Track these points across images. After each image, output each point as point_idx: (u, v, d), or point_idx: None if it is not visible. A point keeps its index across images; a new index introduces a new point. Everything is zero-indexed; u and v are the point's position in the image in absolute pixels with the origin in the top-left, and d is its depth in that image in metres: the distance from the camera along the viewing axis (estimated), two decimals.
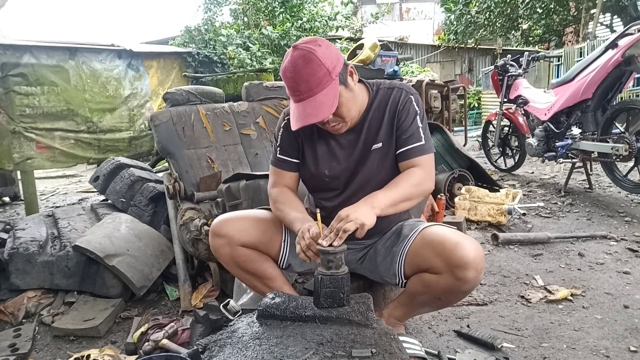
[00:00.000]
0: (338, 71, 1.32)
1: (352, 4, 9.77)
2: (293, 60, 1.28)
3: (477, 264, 1.27)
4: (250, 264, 1.51)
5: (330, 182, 1.52)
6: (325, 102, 1.29)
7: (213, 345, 1.23)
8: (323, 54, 1.28)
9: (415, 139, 1.41)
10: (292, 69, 1.28)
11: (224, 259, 1.54)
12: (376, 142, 1.46)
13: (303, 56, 1.27)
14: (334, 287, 1.23)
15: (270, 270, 1.53)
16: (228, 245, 1.48)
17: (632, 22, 3.26)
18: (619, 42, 3.10)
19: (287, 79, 1.32)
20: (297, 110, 1.33)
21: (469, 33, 13.64)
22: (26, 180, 4.07)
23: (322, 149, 1.50)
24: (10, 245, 2.22)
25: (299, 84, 1.29)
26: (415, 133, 1.41)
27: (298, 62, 1.27)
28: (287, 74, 1.30)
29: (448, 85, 5.47)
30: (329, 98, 1.30)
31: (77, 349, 1.79)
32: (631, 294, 1.98)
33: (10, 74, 3.84)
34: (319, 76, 1.27)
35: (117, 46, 4.59)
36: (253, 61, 6.11)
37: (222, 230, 1.48)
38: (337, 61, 1.32)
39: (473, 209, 3.06)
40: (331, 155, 1.50)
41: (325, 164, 1.50)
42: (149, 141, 4.77)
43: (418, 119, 1.43)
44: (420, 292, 1.41)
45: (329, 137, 1.49)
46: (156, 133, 2.57)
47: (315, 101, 1.29)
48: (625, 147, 2.99)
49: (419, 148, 1.41)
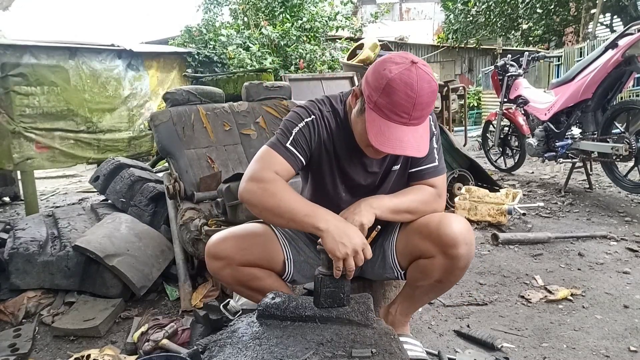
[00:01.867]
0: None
1: (352, 4, 9.76)
2: (418, 81, 1.12)
3: (465, 238, 1.25)
4: (255, 282, 1.42)
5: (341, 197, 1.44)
6: (424, 137, 1.21)
7: (213, 345, 1.23)
8: (437, 86, 1.19)
9: (429, 160, 1.37)
10: (417, 90, 1.12)
11: (225, 280, 1.46)
12: (396, 164, 1.41)
13: (429, 83, 1.14)
14: (334, 287, 1.23)
15: (276, 285, 1.44)
16: (229, 267, 1.38)
17: (632, 22, 3.26)
18: (619, 42, 3.10)
19: (403, 94, 1.12)
20: (395, 132, 1.16)
21: (468, 33, 13.64)
22: (26, 180, 4.07)
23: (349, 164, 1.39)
24: (10, 245, 2.21)
25: (416, 109, 1.14)
26: (430, 154, 1.35)
27: (424, 87, 1.13)
28: (406, 90, 1.12)
29: (448, 85, 5.48)
30: (426, 133, 1.23)
31: (77, 349, 1.79)
32: (631, 294, 1.98)
33: (10, 74, 3.84)
34: (431, 109, 1.20)
35: (117, 46, 4.59)
36: (253, 61, 6.10)
37: (221, 253, 1.37)
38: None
39: (473, 209, 3.06)
40: (356, 173, 1.40)
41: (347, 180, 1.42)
42: (148, 141, 4.77)
43: (434, 140, 1.38)
44: (420, 279, 1.39)
45: (355, 153, 1.37)
46: (156, 133, 2.57)
47: (418, 132, 1.18)
48: (625, 147, 2.99)
49: (432, 169, 1.38)
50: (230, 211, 2.06)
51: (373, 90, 1.17)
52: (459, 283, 2.18)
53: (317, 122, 1.36)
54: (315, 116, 1.36)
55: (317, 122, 1.36)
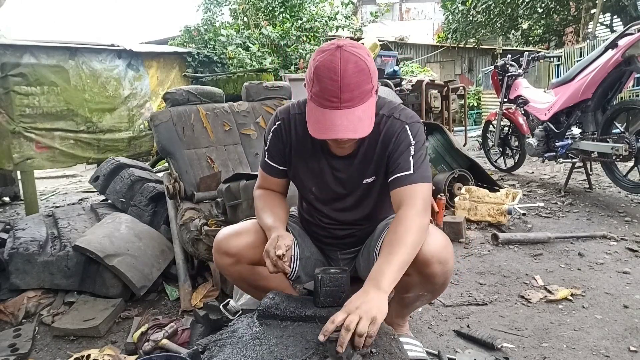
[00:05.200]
0: (377, 88, 1.22)
1: (352, 4, 9.77)
2: (342, 63, 1.12)
3: (439, 257, 1.21)
4: (261, 281, 1.43)
5: (315, 200, 1.46)
6: (363, 118, 1.17)
7: (213, 345, 1.23)
8: (372, 68, 1.18)
9: (405, 167, 1.27)
10: (341, 73, 1.12)
11: (232, 277, 1.45)
12: (369, 177, 1.37)
13: (356, 63, 1.13)
14: (334, 285, 1.23)
15: (283, 286, 1.46)
16: (237, 264, 1.38)
17: (632, 22, 3.26)
18: (619, 42, 3.10)
19: (327, 79, 1.13)
20: (329, 118, 1.16)
21: (468, 32, 13.64)
22: (26, 180, 4.07)
23: (314, 165, 1.40)
24: (10, 245, 2.21)
25: (343, 91, 1.13)
26: (404, 162, 1.27)
27: (349, 67, 1.12)
28: (330, 75, 1.13)
29: (448, 85, 5.48)
30: (368, 115, 1.19)
31: (77, 349, 1.79)
32: (631, 294, 1.98)
33: (10, 74, 3.84)
34: (365, 89, 1.16)
35: (117, 46, 4.59)
36: (253, 61, 6.10)
37: (231, 249, 1.36)
38: (377, 82, 1.22)
39: (473, 209, 3.06)
40: (320, 172, 1.40)
41: (315, 180, 1.42)
42: (148, 141, 4.77)
43: (412, 148, 1.28)
44: (404, 292, 1.37)
45: (320, 154, 1.39)
46: (156, 133, 2.57)
47: (354, 115, 1.15)
48: (625, 147, 2.99)
49: (406, 177, 1.26)
50: (230, 211, 2.06)
51: (308, 81, 1.20)
52: (459, 283, 2.18)
53: (283, 126, 1.40)
54: (281, 121, 1.41)
55: (282, 126, 1.40)
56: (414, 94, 5.23)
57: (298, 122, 1.39)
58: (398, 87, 5.26)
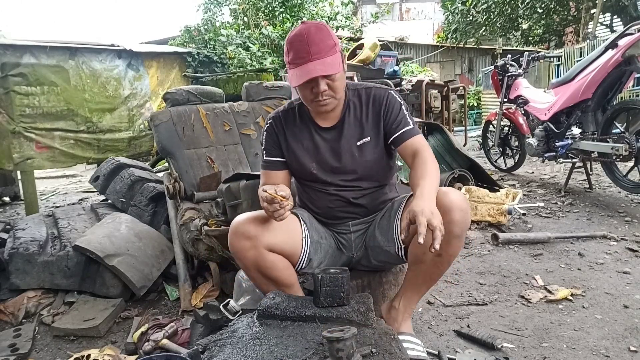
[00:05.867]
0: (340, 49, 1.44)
1: (352, 4, 9.78)
2: (304, 28, 1.38)
3: (460, 205, 1.34)
4: (274, 271, 1.44)
5: (318, 175, 1.56)
6: (333, 64, 1.38)
7: (213, 345, 1.23)
8: (331, 30, 1.43)
9: (403, 124, 1.51)
10: (304, 34, 1.37)
11: (245, 262, 1.44)
12: (363, 137, 1.54)
13: (315, 25, 1.39)
14: (334, 285, 1.23)
15: (291, 279, 1.49)
16: (254, 249, 1.39)
17: (632, 22, 3.26)
18: (619, 42, 3.10)
19: (296, 42, 1.38)
20: (304, 68, 1.37)
21: (468, 32, 13.64)
22: (26, 180, 4.07)
23: (307, 143, 1.57)
24: (10, 245, 2.22)
25: (310, 46, 1.36)
26: (403, 119, 1.52)
27: (310, 29, 1.37)
28: (297, 38, 1.38)
29: (448, 85, 5.48)
30: (336, 63, 1.39)
31: (77, 349, 1.79)
32: (631, 294, 1.98)
33: (10, 74, 3.84)
34: (328, 44, 1.38)
35: (117, 46, 4.60)
36: (253, 61, 6.11)
37: (250, 232, 1.39)
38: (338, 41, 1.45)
39: (473, 209, 3.06)
40: (316, 149, 1.56)
41: (312, 155, 1.56)
42: (148, 141, 4.77)
43: (403, 108, 1.54)
44: (420, 254, 1.40)
45: (312, 132, 1.56)
46: (156, 133, 2.57)
47: (324, 63, 1.37)
48: (625, 147, 2.99)
49: (409, 131, 1.51)
50: (230, 211, 2.06)
51: (285, 56, 1.44)
52: (459, 283, 2.18)
53: (274, 123, 1.60)
54: (272, 119, 1.61)
55: (273, 123, 1.60)
56: (414, 94, 5.23)
57: (286, 114, 1.60)
58: (398, 87, 5.26)
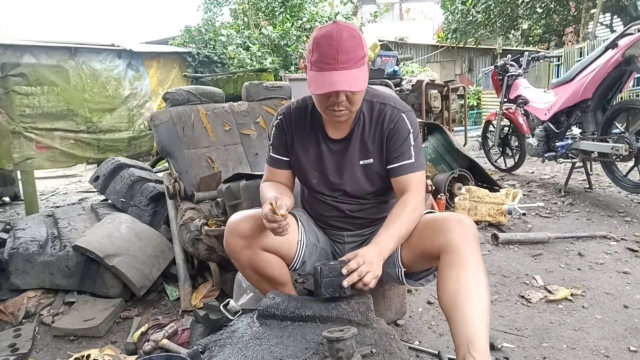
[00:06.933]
0: (368, 59, 1.36)
1: (352, 4, 9.78)
2: (336, 31, 1.27)
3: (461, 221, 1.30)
4: (268, 269, 1.45)
5: (318, 184, 1.53)
6: (358, 79, 1.29)
7: (213, 345, 1.23)
8: (364, 38, 1.32)
9: (405, 156, 1.41)
10: (336, 38, 1.26)
11: (241, 262, 1.45)
12: (367, 158, 1.46)
13: (348, 31, 1.28)
14: (333, 275, 1.23)
15: (285, 277, 1.49)
16: (249, 249, 1.40)
17: (632, 22, 3.26)
18: (619, 42, 3.10)
19: (324, 44, 1.27)
20: (328, 77, 1.27)
21: (468, 32, 13.63)
22: (26, 180, 4.07)
23: (313, 151, 1.51)
24: (10, 245, 2.22)
25: (340, 53, 1.26)
26: (406, 151, 1.41)
27: (343, 34, 1.27)
28: (326, 40, 1.27)
29: (448, 85, 5.48)
30: (362, 77, 1.31)
31: (77, 349, 1.79)
32: (631, 294, 1.98)
33: (10, 74, 3.84)
34: (359, 54, 1.29)
35: (117, 46, 4.59)
36: (253, 61, 6.11)
37: (245, 231, 1.39)
38: (368, 52, 1.36)
39: (473, 209, 3.06)
40: (320, 159, 1.50)
41: (315, 165, 1.51)
42: (148, 141, 4.77)
43: (411, 137, 1.42)
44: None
45: (320, 140, 1.50)
46: (156, 133, 2.57)
47: (350, 74, 1.27)
48: (625, 147, 2.99)
49: (407, 166, 1.40)
50: (230, 211, 2.05)
51: (308, 54, 1.34)
52: None
53: (284, 120, 1.54)
54: (282, 116, 1.55)
55: (284, 120, 1.54)
56: (414, 94, 5.23)
57: (298, 114, 1.53)
58: (398, 87, 5.27)
